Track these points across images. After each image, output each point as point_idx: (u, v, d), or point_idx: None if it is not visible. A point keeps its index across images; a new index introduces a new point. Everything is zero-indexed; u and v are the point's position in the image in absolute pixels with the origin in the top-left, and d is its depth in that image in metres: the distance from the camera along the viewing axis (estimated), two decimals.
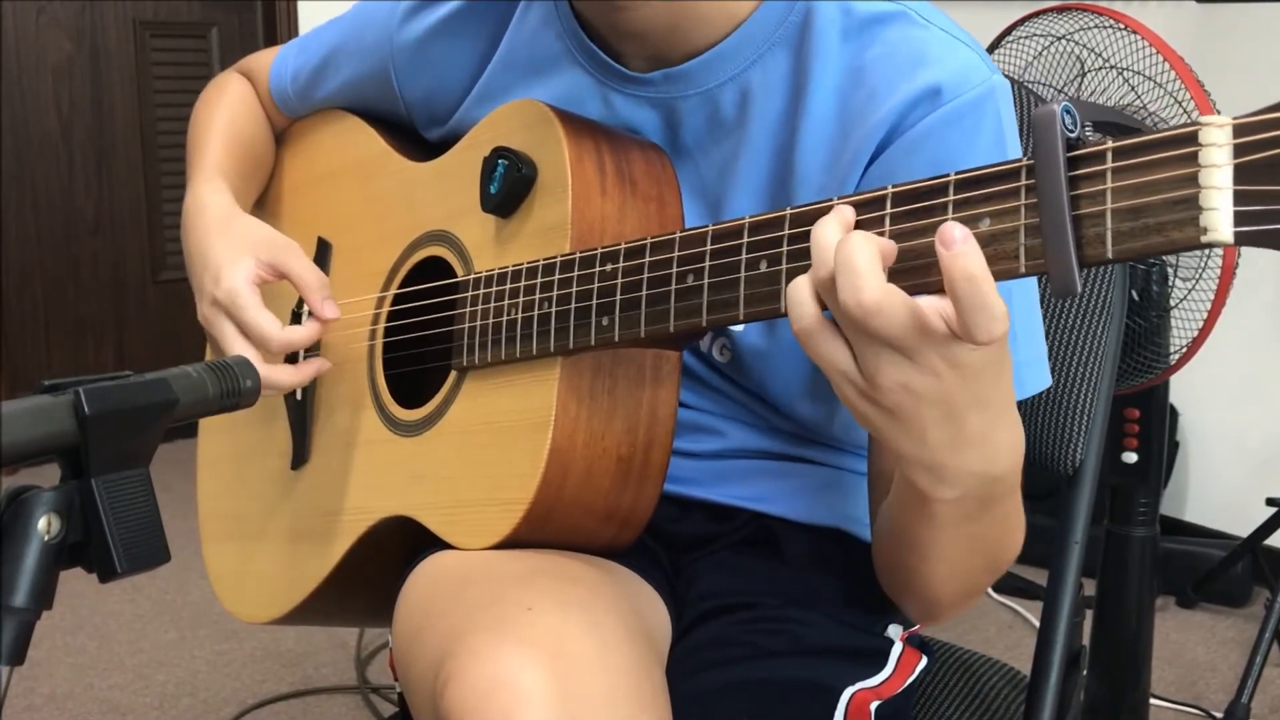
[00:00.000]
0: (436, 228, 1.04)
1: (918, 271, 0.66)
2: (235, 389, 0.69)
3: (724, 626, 0.94)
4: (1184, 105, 1.63)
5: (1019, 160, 0.63)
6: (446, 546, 0.93)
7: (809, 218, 0.71)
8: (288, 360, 1.08)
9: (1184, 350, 1.72)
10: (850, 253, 0.64)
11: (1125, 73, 1.67)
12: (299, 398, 1.14)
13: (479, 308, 0.95)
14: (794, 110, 0.91)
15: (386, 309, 1.07)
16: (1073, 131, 0.61)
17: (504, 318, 0.92)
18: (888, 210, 0.68)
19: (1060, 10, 1.75)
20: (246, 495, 1.21)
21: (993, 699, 1.07)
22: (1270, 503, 2.37)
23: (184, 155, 1.24)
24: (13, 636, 0.58)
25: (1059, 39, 1.74)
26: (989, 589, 0.86)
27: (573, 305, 0.87)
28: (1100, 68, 1.70)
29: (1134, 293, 1.66)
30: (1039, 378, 0.92)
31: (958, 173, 0.65)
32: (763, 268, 0.74)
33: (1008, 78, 0.94)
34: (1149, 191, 0.58)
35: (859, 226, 0.68)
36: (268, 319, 1.03)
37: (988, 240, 0.64)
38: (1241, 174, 0.55)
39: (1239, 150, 0.56)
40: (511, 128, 0.97)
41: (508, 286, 0.93)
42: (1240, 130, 0.56)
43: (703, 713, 0.85)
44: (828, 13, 0.90)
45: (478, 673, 0.74)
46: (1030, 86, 1.67)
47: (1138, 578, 1.88)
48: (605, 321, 0.84)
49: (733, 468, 1.01)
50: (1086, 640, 1.91)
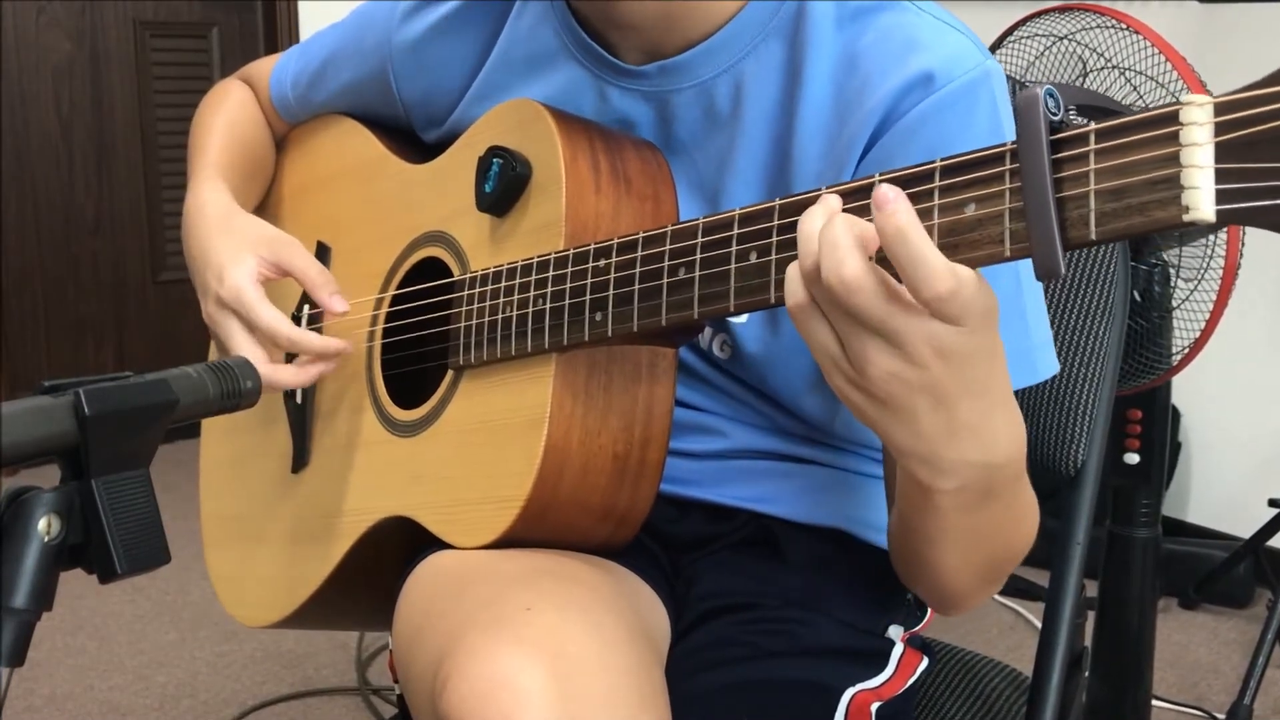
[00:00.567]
0: (433, 228, 1.04)
1: None
2: (236, 389, 0.69)
3: (724, 627, 0.94)
4: None
5: (1004, 145, 0.63)
6: (446, 547, 0.93)
7: (798, 208, 0.71)
8: (289, 360, 1.07)
9: (1186, 351, 1.72)
10: (833, 233, 0.65)
11: (1127, 72, 1.66)
12: (299, 400, 1.14)
13: (474, 306, 0.95)
14: (789, 100, 0.91)
15: (384, 310, 1.07)
16: (1056, 114, 0.61)
17: (499, 316, 0.92)
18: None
19: (1062, 10, 1.75)
20: (247, 499, 1.21)
21: (994, 700, 1.07)
22: (1272, 503, 2.36)
23: (184, 155, 1.25)
24: (13, 637, 0.58)
25: (1061, 39, 1.74)
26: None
27: (566, 301, 0.87)
28: (1102, 68, 1.69)
29: (1136, 293, 1.66)
30: (1049, 361, 0.92)
31: (943, 159, 0.66)
32: (753, 258, 0.74)
33: (1009, 77, 0.94)
34: (1131, 172, 0.58)
35: (851, 213, 0.68)
36: (276, 316, 1.03)
37: (973, 225, 0.64)
38: (1223, 152, 0.56)
39: (1220, 129, 0.56)
40: (506, 127, 0.98)
41: (503, 285, 0.93)
42: (1221, 109, 0.56)
43: (702, 713, 0.85)
44: (821, 2, 0.90)
45: (477, 672, 0.74)
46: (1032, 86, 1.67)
47: (1140, 579, 1.88)
48: (599, 316, 0.85)
49: (733, 468, 1.01)
50: (1088, 641, 1.90)
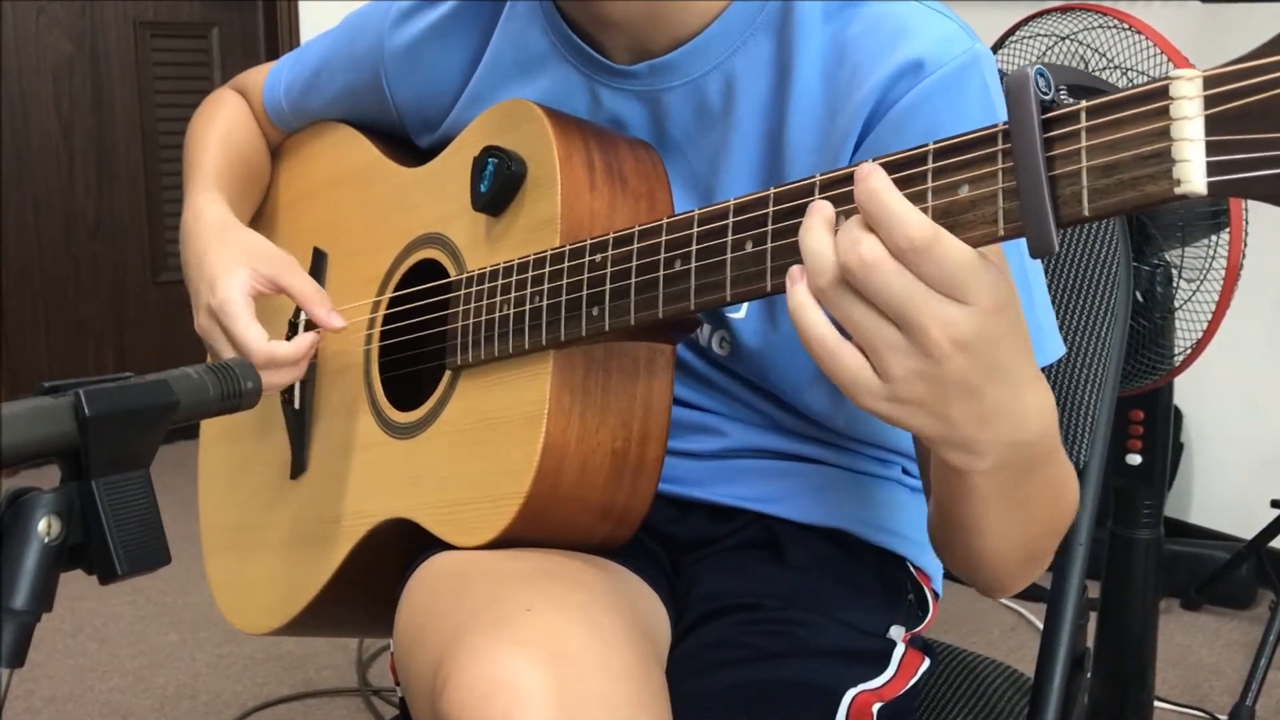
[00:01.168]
0: (429, 230, 1.04)
1: None
2: (236, 390, 0.69)
3: (725, 628, 0.94)
4: None
5: (995, 125, 0.64)
6: (446, 549, 0.93)
7: (792, 195, 0.72)
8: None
9: (1188, 352, 1.72)
10: (849, 227, 0.66)
11: (1130, 73, 1.66)
12: (297, 406, 1.14)
13: (471, 306, 0.95)
14: (780, 94, 0.91)
15: (382, 314, 1.07)
16: (1047, 94, 0.62)
17: (496, 314, 0.92)
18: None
19: (1064, 10, 1.75)
20: (247, 507, 1.21)
21: (996, 701, 1.07)
22: (1275, 504, 2.36)
23: (183, 153, 1.24)
24: (13, 639, 0.58)
25: (1063, 39, 1.74)
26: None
27: (563, 297, 0.87)
28: (1104, 68, 1.69)
29: (1138, 294, 1.66)
30: (1055, 344, 0.92)
31: (936, 142, 0.66)
32: (748, 248, 0.74)
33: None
34: (1123, 148, 0.58)
35: (844, 201, 0.68)
36: (254, 331, 1.03)
37: (967, 206, 0.64)
38: (1213, 125, 0.56)
39: (1210, 102, 0.56)
40: (501, 127, 0.98)
41: (499, 283, 0.93)
42: (1210, 82, 0.56)
43: (703, 714, 0.85)
44: None
45: (476, 673, 0.74)
46: None
47: (1142, 580, 1.88)
48: (595, 311, 0.85)
49: (734, 467, 1.01)
50: (1090, 642, 1.90)
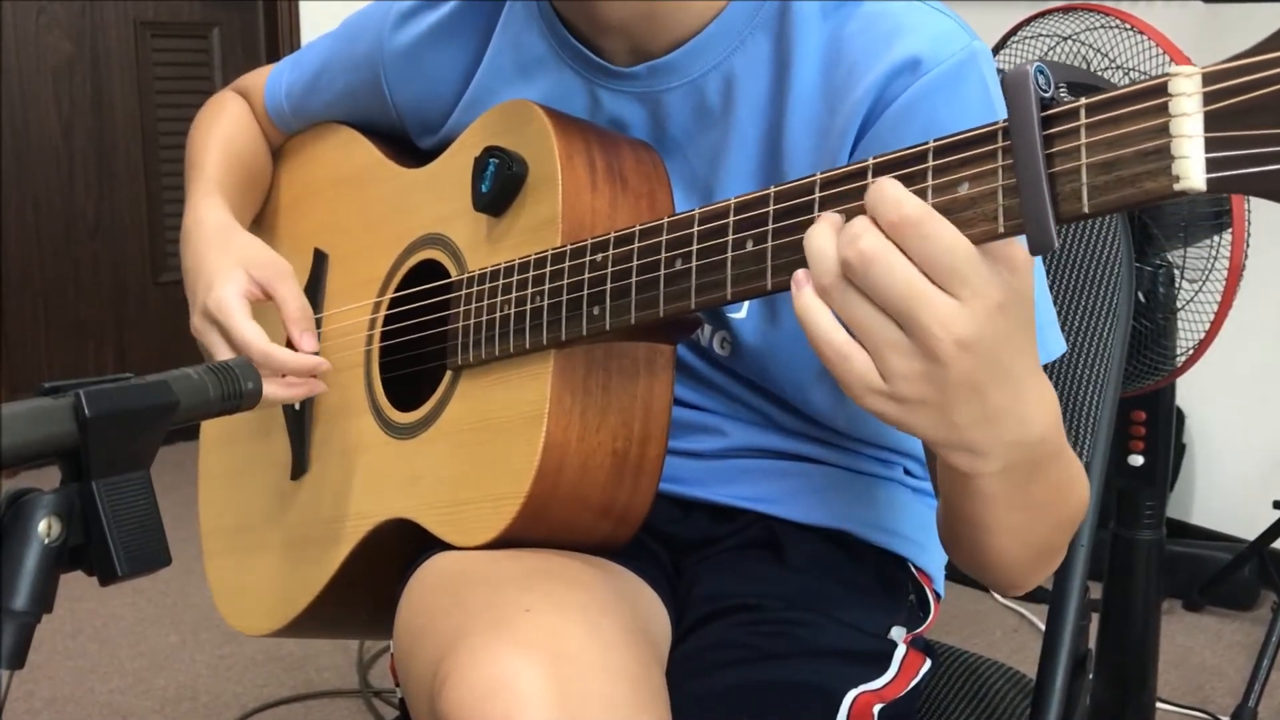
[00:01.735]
0: (430, 231, 1.04)
1: None
2: (236, 391, 0.69)
3: (726, 628, 0.94)
4: None
5: (995, 123, 0.64)
6: (447, 550, 0.93)
7: (792, 194, 0.72)
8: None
9: (1191, 352, 1.72)
10: (853, 222, 0.66)
11: (1132, 73, 1.66)
12: (297, 408, 1.14)
13: (472, 306, 0.95)
14: (778, 93, 0.91)
15: (382, 314, 1.07)
16: (1046, 91, 0.62)
17: (497, 314, 0.92)
18: (869, 181, 0.68)
19: (1066, 10, 1.75)
20: (247, 509, 1.21)
21: (998, 703, 1.07)
22: (1277, 505, 2.36)
23: (185, 156, 1.24)
24: (13, 640, 0.58)
25: (1065, 39, 1.74)
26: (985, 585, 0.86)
27: (564, 297, 0.87)
28: (1106, 68, 1.69)
29: (1141, 294, 1.66)
30: (1057, 341, 0.92)
31: (936, 140, 0.66)
32: (749, 247, 0.74)
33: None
34: (1122, 144, 0.58)
35: (844, 199, 0.69)
36: (252, 330, 1.03)
37: (967, 204, 0.64)
38: (1212, 121, 0.56)
39: (1209, 98, 0.56)
40: (502, 128, 0.97)
41: (500, 283, 0.93)
42: (1209, 79, 0.56)
43: (704, 715, 0.85)
44: None
45: (476, 674, 0.74)
46: None
47: (1144, 581, 1.88)
48: (596, 311, 0.84)
49: (735, 467, 1.01)
50: (1092, 644, 1.90)
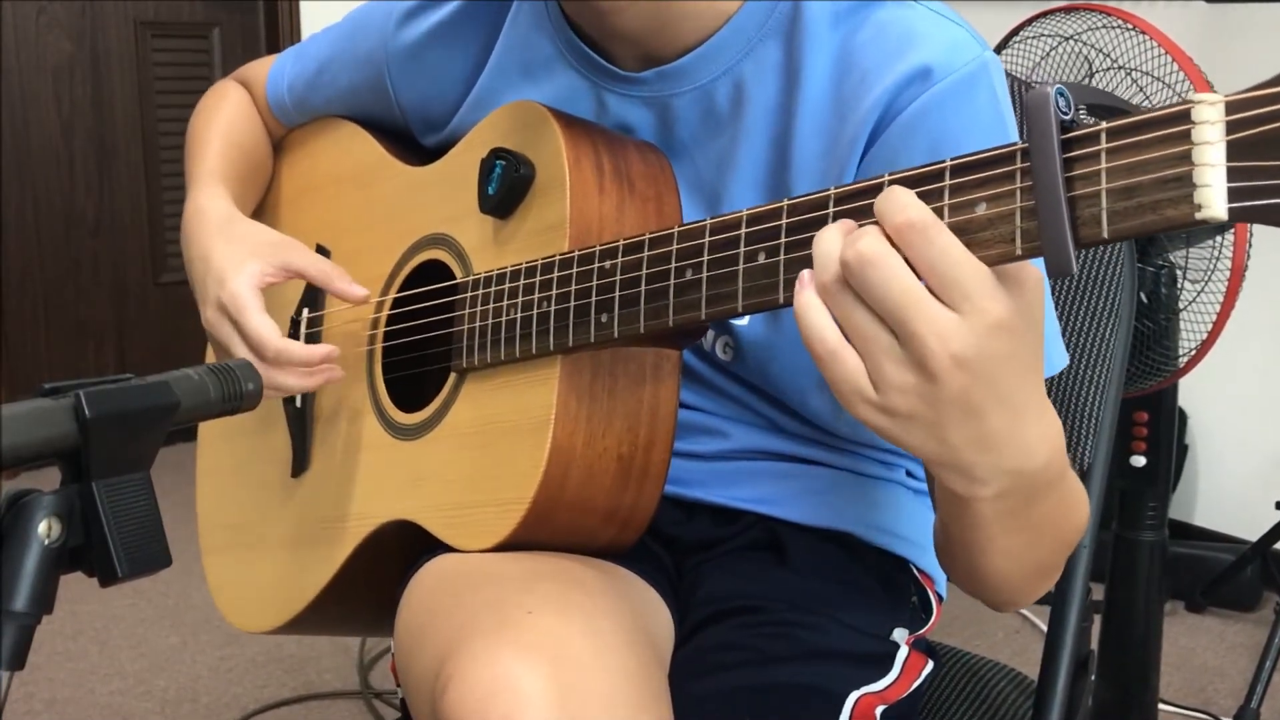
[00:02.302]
0: (434, 231, 1.04)
1: None
2: (237, 392, 0.69)
3: (728, 630, 0.94)
4: None
5: (1014, 144, 0.63)
6: (447, 550, 0.93)
7: (806, 208, 0.71)
8: None
9: (1193, 353, 1.72)
10: (856, 232, 0.65)
11: (1134, 73, 1.66)
12: (298, 405, 1.14)
13: (478, 309, 0.95)
14: (788, 100, 0.90)
15: (385, 314, 1.07)
16: (1066, 114, 0.61)
17: (503, 318, 0.92)
18: None
19: (1068, 10, 1.75)
20: (247, 505, 1.21)
21: (1000, 704, 1.07)
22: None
23: (185, 145, 1.24)
24: (13, 641, 0.58)
25: (1067, 39, 1.74)
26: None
27: (572, 303, 0.86)
28: (1108, 68, 1.69)
29: (1143, 295, 1.65)
30: (1059, 354, 0.91)
31: (953, 158, 0.65)
32: (761, 259, 0.74)
33: (1015, 78, 0.94)
34: (1143, 170, 0.58)
35: (858, 215, 0.68)
36: (267, 325, 1.02)
37: (984, 224, 0.63)
38: (1234, 150, 0.55)
39: (1231, 127, 0.56)
40: (509, 129, 0.97)
41: (506, 286, 0.92)
42: (1232, 107, 0.56)
43: (706, 717, 0.85)
44: (817, 0, 0.89)
45: (477, 676, 0.74)
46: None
47: (1146, 582, 1.87)
48: (604, 318, 0.84)
49: (737, 469, 1.00)
50: (1095, 645, 1.90)
